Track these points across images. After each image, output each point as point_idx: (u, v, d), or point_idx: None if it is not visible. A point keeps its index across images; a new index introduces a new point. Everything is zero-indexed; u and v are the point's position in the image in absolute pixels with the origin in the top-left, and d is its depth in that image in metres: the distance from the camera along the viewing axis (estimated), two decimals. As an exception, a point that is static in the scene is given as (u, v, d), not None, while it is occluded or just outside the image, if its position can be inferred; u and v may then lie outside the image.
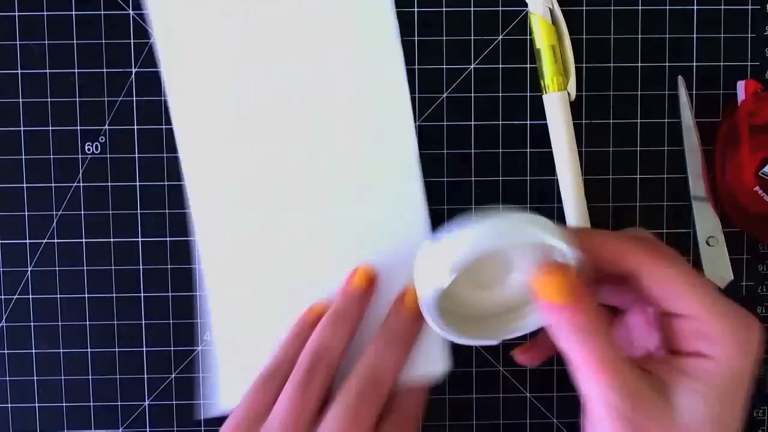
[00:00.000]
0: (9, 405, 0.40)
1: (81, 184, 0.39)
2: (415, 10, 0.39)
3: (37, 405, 0.40)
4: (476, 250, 0.29)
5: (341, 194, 0.39)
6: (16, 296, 0.40)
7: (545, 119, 0.39)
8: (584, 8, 0.40)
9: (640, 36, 0.40)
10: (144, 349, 0.40)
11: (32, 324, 0.40)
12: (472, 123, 0.40)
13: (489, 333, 0.33)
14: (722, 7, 0.40)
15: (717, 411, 0.29)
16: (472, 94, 0.40)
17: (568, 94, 0.39)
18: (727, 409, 0.29)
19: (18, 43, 0.39)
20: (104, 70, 0.39)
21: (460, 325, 0.33)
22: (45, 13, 0.39)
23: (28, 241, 0.39)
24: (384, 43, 0.39)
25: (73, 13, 0.39)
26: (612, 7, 0.40)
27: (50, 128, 0.39)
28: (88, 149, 0.39)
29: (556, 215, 0.40)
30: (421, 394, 0.37)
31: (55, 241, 0.39)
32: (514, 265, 0.32)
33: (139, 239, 0.40)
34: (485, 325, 0.33)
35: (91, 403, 0.40)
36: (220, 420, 0.35)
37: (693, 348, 0.30)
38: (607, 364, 0.29)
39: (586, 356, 0.29)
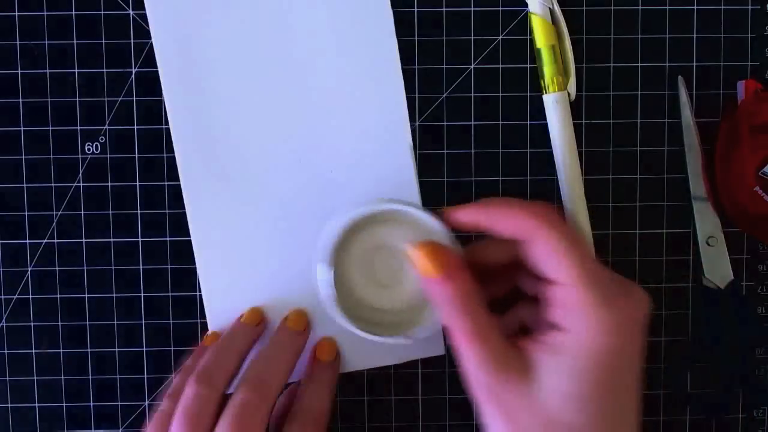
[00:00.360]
0: (9, 405, 0.40)
1: (81, 184, 0.39)
2: (415, 10, 0.39)
3: (37, 405, 0.40)
4: (334, 235, 0.34)
5: (330, 146, 0.39)
6: (16, 296, 0.40)
7: (545, 119, 0.39)
8: (584, 8, 0.40)
9: (640, 36, 0.40)
10: (144, 349, 0.40)
11: (32, 324, 0.40)
12: (472, 123, 0.40)
13: (399, 331, 0.35)
14: (722, 7, 0.40)
15: (580, 389, 0.29)
16: (472, 94, 0.40)
17: (568, 94, 0.39)
18: (593, 387, 0.29)
19: (18, 43, 0.39)
20: (104, 70, 0.39)
21: (372, 325, 0.35)
22: (45, 13, 0.39)
23: (28, 241, 0.39)
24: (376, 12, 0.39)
25: (73, 13, 0.39)
26: (612, 7, 0.40)
27: (50, 128, 0.39)
28: (88, 149, 0.39)
29: (556, 215, 0.40)
30: (326, 396, 0.37)
31: (55, 241, 0.39)
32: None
33: (139, 239, 0.40)
34: (395, 324, 0.36)
35: (91, 403, 0.40)
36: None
37: (556, 318, 0.30)
38: (475, 335, 0.30)
39: (459, 327, 0.31)
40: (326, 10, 0.39)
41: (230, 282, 0.39)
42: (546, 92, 0.39)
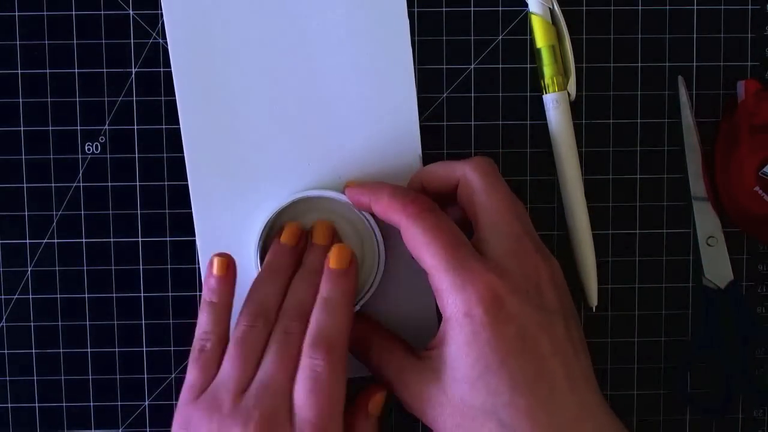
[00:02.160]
0: (9, 405, 0.40)
1: (81, 184, 0.39)
2: (415, 10, 0.39)
3: (37, 405, 0.40)
4: (260, 229, 0.37)
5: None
6: (16, 296, 0.40)
7: (545, 119, 0.39)
8: (584, 8, 0.40)
9: (640, 36, 0.40)
10: (144, 349, 0.40)
11: (32, 324, 0.40)
12: (472, 123, 0.40)
13: None
14: (722, 7, 0.40)
15: (474, 372, 0.30)
16: (472, 94, 0.40)
17: (568, 94, 0.39)
18: (487, 366, 0.30)
19: (18, 43, 0.39)
20: (104, 70, 0.39)
21: None
22: (45, 13, 0.39)
23: (28, 241, 0.39)
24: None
25: (73, 13, 0.39)
26: (612, 7, 0.40)
27: (50, 128, 0.39)
28: (88, 149, 0.39)
29: (557, 215, 0.40)
30: (341, 315, 0.34)
31: (55, 241, 0.39)
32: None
33: (139, 239, 0.40)
34: None
35: (91, 403, 0.40)
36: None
37: (439, 306, 0.32)
38: (386, 347, 0.34)
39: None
40: (341, 13, 0.39)
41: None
42: (546, 92, 0.39)
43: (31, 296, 0.40)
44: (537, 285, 0.32)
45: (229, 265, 0.36)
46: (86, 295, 0.40)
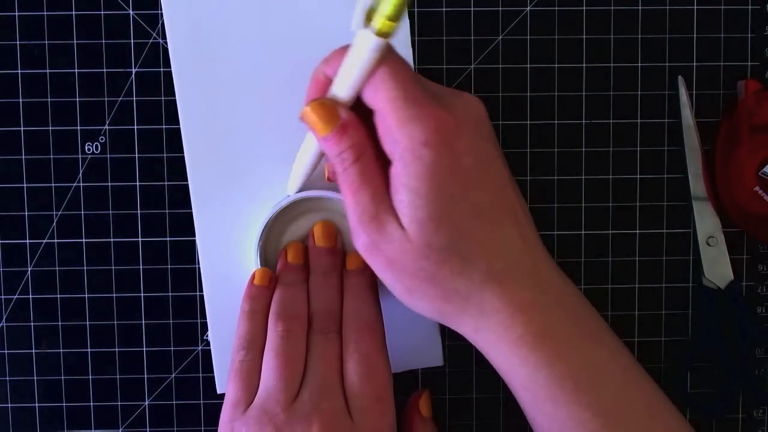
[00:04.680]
0: (9, 405, 0.40)
1: (81, 184, 0.39)
2: (415, 10, 0.39)
3: (37, 405, 0.40)
4: (258, 233, 0.37)
5: None
6: (16, 296, 0.40)
7: (545, 119, 0.39)
8: (584, 8, 0.40)
9: (640, 36, 0.40)
10: (144, 349, 0.40)
11: (32, 324, 0.40)
12: (472, 123, 0.40)
13: None
14: (722, 7, 0.40)
15: (428, 212, 0.29)
16: (472, 94, 0.40)
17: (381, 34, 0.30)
18: (439, 206, 0.29)
19: (18, 43, 0.39)
20: (104, 70, 0.39)
21: None
22: (45, 13, 0.39)
23: (28, 241, 0.39)
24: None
25: (73, 13, 0.39)
26: (612, 7, 0.40)
27: (50, 128, 0.39)
28: (88, 149, 0.39)
29: (557, 215, 0.40)
30: (369, 298, 0.35)
31: (55, 241, 0.39)
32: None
33: (139, 239, 0.40)
34: None
35: (91, 403, 0.40)
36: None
37: (386, 148, 0.30)
38: (357, 190, 0.31)
39: (346, 180, 0.31)
40: (341, 12, 0.39)
41: (235, 283, 0.39)
42: (364, 27, 0.30)
43: (31, 296, 0.40)
44: (478, 119, 0.32)
45: (271, 278, 0.36)
46: (86, 295, 0.40)
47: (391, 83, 0.30)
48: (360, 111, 0.31)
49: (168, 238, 0.40)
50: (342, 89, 0.31)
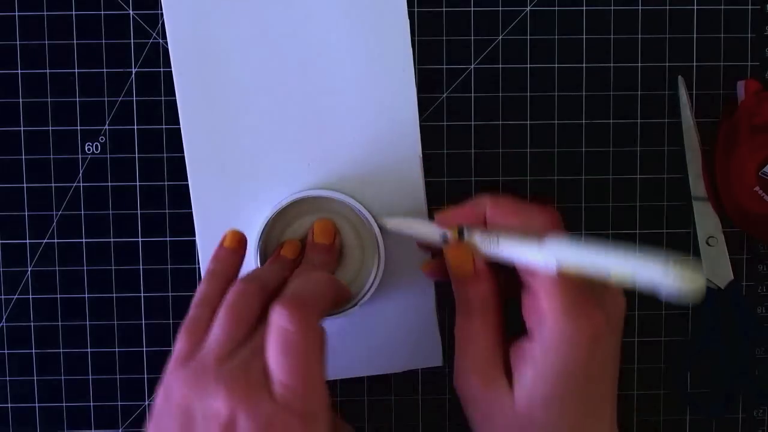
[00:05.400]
0: (9, 405, 0.40)
1: (81, 184, 0.39)
2: (415, 10, 0.39)
3: (37, 405, 0.40)
4: (261, 225, 0.36)
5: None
6: (16, 296, 0.40)
7: (545, 119, 0.39)
8: (584, 8, 0.40)
9: (640, 36, 0.40)
10: (144, 349, 0.40)
11: (32, 324, 0.40)
12: (472, 123, 0.40)
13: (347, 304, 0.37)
14: (722, 7, 0.40)
15: (547, 392, 0.30)
16: (472, 94, 0.40)
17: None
18: (561, 393, 0.30)
19: (18, 43, 0.39)
20: (104, 70, 0.39)
21: None
22: (45, 13, 0.39)
23: (28, 241, 0.39)
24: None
25: (73, 13, 0.39)
26: (612, 7, 0.40)
27: (50, 128, 0.39)
28: (88, 149, 0.39)
29: (556, 215, 0.40)
30: (316, 279, 0.33)
31: (55, 241, 0.39)
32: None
33: (139, 239, 0.40)
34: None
35: (91, 403, 0.40)
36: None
37: (529, 324, 0.31)
38: (469, 339, 0.32)
39: (461, 326, 0.33)
40: (341, 12, 0.39)
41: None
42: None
43: (31, 296, 0.40)
44: (622, 320, 0.32)
45: (241, 241, 0.35)
46: (86, 295, 0.40)
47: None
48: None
49: (168, 238, 0.40)
50: (501, 252, 0.32)
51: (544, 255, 0.30)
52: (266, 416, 0.27)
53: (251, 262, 0.37)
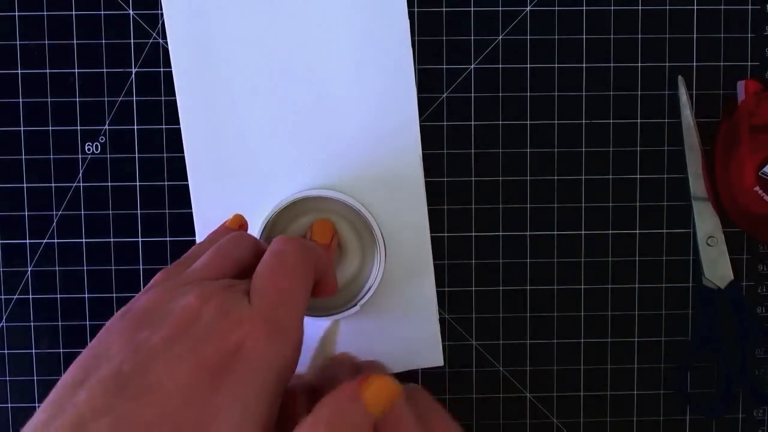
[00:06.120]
0: (9, 405, 0.40)
1: (81, 184, 0.39)
2: (416, 10, 0.39)
3: (37, 405, 0.40)
4: (261, 224, 0.36)
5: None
6: (16, 296, 0.40)
7: (545, 119, 0.39)
8: (584, 8, 0.40)
9: (640, 36, 0.40)
10: (144, 349, 0.40)
11: (32, 324, 0.40)
12: (472, 123, 0.40)
13: (344, 305, 0.38)
14: (722, 7, 0.40)
15: None
16: (472, 94, 0.40)
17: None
18: None
19: (18, 43, 0.39)
20: (104, 70, 0.39)
21: (318, 309, 0.38)
22: (45, 13, 0.39)
23: (28, 241, 0.39)
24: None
25: (73, 13, 0.39)
26: (612, 7, 0.40)
27: (50, 128, 0.39)
28: (88, 149, 0.39)
29: (557, 215, 0.40)
30: (239, 243, 0.31)
31: (55, 241, 0.39)
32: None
33: (139, 239, 0.40)
34: (341, 302, 0.38)
35: (91, 403, 0.40)
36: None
37: None
38: None
39: None
40: (341, 12, 0.39)
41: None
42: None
43: (31, 296, 0.40)
44: None
45: (243, 225, 0.35)
46: (86, 295, 0.40)
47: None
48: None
49: (168, 238, 0.40)
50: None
51: None
52: (237, 314, 0.25)
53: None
